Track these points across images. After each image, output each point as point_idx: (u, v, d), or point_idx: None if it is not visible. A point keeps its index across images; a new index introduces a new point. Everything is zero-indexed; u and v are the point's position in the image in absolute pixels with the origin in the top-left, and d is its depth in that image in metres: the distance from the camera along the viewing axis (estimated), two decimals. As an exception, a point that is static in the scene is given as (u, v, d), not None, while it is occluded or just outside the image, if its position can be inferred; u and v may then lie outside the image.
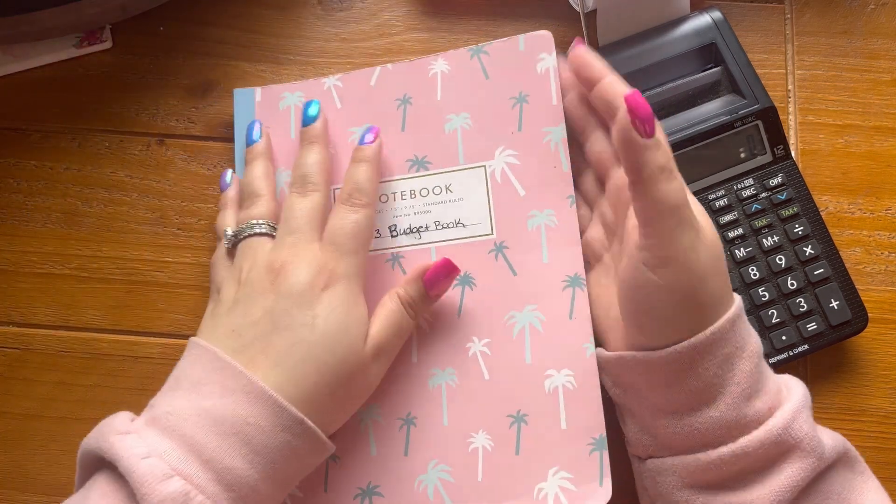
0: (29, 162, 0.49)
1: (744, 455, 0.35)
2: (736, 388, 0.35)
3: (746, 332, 0.37)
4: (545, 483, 0.42)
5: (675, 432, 0.37)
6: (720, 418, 0.35)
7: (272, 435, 0.35)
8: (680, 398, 0.36)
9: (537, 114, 0.46)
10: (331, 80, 0.48)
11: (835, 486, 0.36)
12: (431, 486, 0.42)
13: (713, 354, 0.35)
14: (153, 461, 0.33)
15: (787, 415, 0.35)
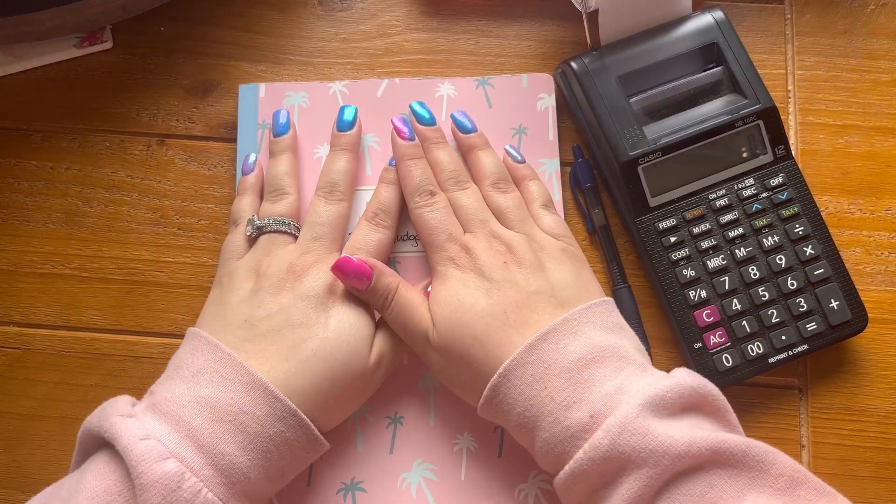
0: (29, 162, 0.49)
1: (582, 472, 0.35)
2: (551, 403, 0.36)
3: (559, 350, 0.37)
4: (526, 484, 0.44)
5: (539, 463, 0.39)
6: (550, 437, 0.36)
7: (266, 424, 0.36)
8: (518, 432, 0.39)
9: (535, 146, 0.48)
10: (337, 86, 0.49)
11: (696, 488, 0.34)
12: (415, 484, 0.44)
13: (518, 379, 0.37)
14: (151, 443, 0.34)
15: (613, 428, 0.34)
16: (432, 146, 0.45)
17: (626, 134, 0.45)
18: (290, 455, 0.38)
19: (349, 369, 0.39)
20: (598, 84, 0.46)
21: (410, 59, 0.51)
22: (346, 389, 0.40)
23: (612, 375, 0.36)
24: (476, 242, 0.42)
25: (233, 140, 0.49)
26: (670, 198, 0.46)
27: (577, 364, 0.36)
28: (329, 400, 0.39)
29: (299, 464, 0.40)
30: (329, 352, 0.39)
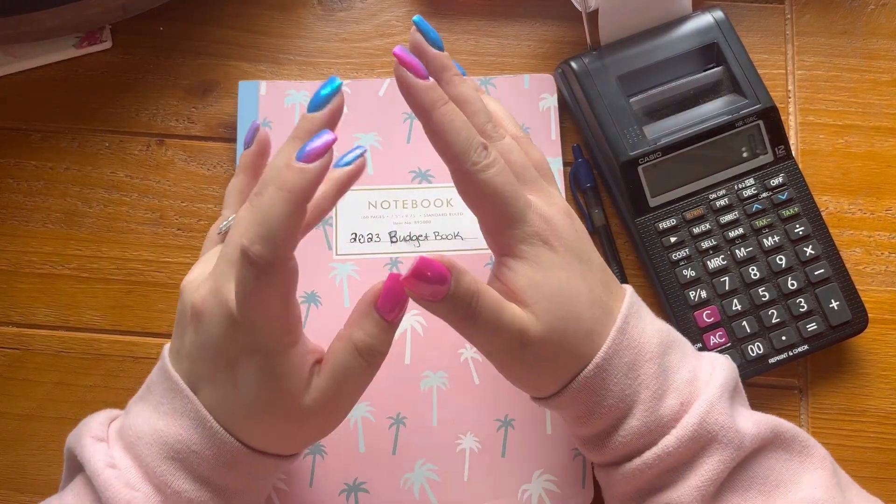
0: (29, 162, 0.49)
1: (666, 455, 0.34)
2: (646, 392, 0.35)
3: (640, 333, 0.35)
4: (529, 485, 0.44)
5: (604, 451, 0.36)
6: (640, 426, 0.35)
7: (219, 466, 0.34)
8: (598, 422, 0.35)
9: (537, 146, 0.47)
10: None
11: (761, 468, 0.35)
12: (417, 485, 0.44)
13: (615, 368, 0.34)
14: (115, 472, 0.33)
15: (701, 409, 0.34)
16: (454, 79, 0.36)
17: (626, 134, 0.45)
18: (251, 488, 0.36)
19: (281, 419, 0.34)
20: (598, 84, 0.46)
21: (410, 59, 0.51)
22: (290, 431, 0.35)
23: (682, 360, 0.36)
24: (552, 211, 0.35)
25: (232, 140, 0.49)
26: (670, 198, 0.46)
27: (659, 350, 0.35)
28: (283, 438, 0.35)
29: (271, 481, 0.38)
30: (254, 394, 0.33)
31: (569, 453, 0.44)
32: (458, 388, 0.45)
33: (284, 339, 0.33)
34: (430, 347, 0.45)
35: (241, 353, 0.32)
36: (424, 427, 0.44)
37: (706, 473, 0.34)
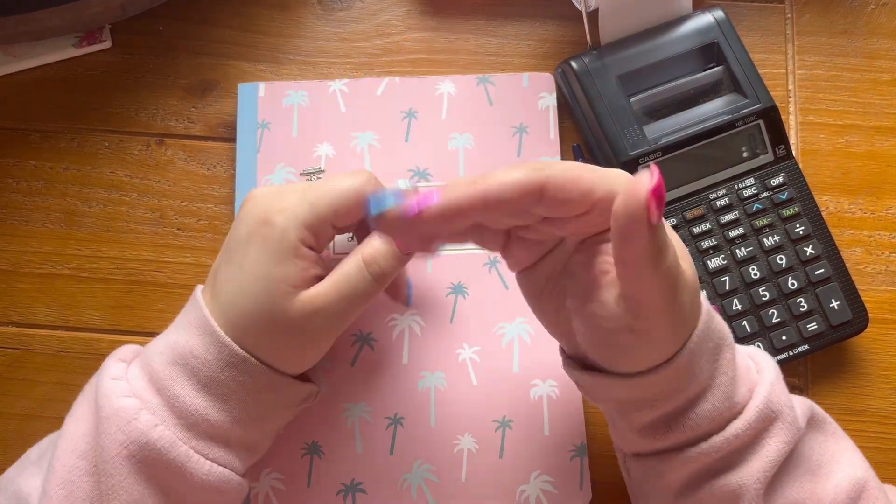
0: (28, 162, 0.49)
1: (734, 439, 0.34)
2: (724, 377, 0.34)
3: (720, 322, 0.35)
4: (527, 486, 0.44)
5: (667, 435, 0.35)
6: (712, 410, 0.34)
7: (217, 369, 0.36)
8: (669, 404, 0.34)
9: (536, 145, 0.48)
10: (337, 84, 0.49)
11: (804, 448, 0.36)
12: (415, 485, 0.44)
13: (704, 350, 0.33)
14: (120, 383, 0.36)
15: (765, 390, 0.35)
16: None
17: (626, 133, 0.45)
18: (253, 399, 0.37)
19: (270, 318, 0.36)
20: (598, 84, 0.46)
21: (410, 59, 0.51)
22: (280, 337, 0.36)
23: (739, 351, 0.36)
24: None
25: (232, 140, 0.49)
26: (670, 197, 0.46)
27: (729, 339, 0.35)
28: (269, 344, 0.36)
29: (274, 407, 0.38)
30: (242, 304, 0.36)
31: (566, 455, 0.44)
32: (456, 389, 0.45)
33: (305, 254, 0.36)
34: (428, 348, 0.45)
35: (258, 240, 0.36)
36: (422, 427, 0.44)
37: (772, 453, 0.34)
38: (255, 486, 0.43)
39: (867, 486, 0.36)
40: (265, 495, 0.43)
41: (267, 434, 0.39)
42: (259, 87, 0.49)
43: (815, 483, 0.35)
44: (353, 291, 0.36)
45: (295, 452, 0.44)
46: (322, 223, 0.36)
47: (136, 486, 0.35)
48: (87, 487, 0.35)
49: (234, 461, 0.37)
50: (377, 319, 0.46)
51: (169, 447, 0.35)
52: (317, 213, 0.36)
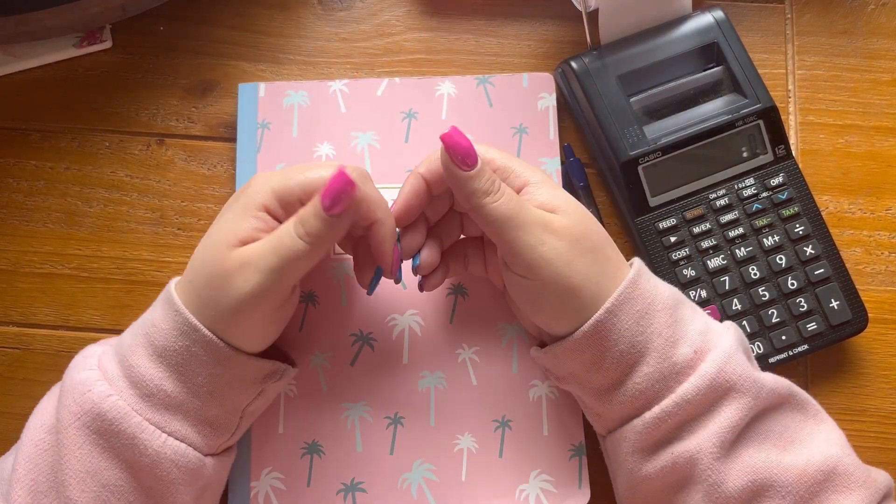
0: (29, 162, 0.49)
1: (685, 403, 0.36)
2: (659, 339, 0.37)
3: (654, 287, 0.38)
4: (526, 485, 0.44)
5: (620, 402, 0.37)
6: (653, 372, 0.36)
7: (171, 338, 0.36)
8: (612, 367, 0.37)
9: (536, 145, 0.48)
10: (337, 84, 0.49)
11: (777, 424, 0.37)
12: (415, 485, 0.44)
13: (626, 314, 0.36)
14: (89, 359, 0.37)
15: (718, 358, 0.36)
16: None
17: (626, 134, 0.45)
18: (207, 373, 0.36)
19: (207, 270, 0.36)
20: (598, 84, 0.46)
21: (410, 59, 0.51)
22: (212, 293, 0.36)
23: (693, 316, 0.39)
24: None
25: (232, 140, 0.49)
26: (670, 198, 0.46)
27: (671, 302, 0.38)
28: (213, 310, 0.36)
29: (231, 383, 0.37)
30: (197, 255, 0.37)
31: (565, 454, 0.44)
32: (455, 389, 0.45)
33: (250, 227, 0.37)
34: (427, 348, 0.45)
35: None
36: (422, 427, 0.44)
37: (725, 420, 0.36)
38: (256, 486, 0.43)
39: (841, 462, 0.36)
40: (265, 495, 0.43)
41: (230, 411, 0.38)
42: (259, 87, 0.49)
43: (783, 454, 0.36)
44: (281, 247, 0.35)
45: (295, 452, 0.44)
46: (290, 194, 0.37)
47: (91, 457, 0.35)
48: (50, 460, 0.36)
49: (192, 436, 0.37)
50: (377, 319, 0.46)
51: (121, 418, 0.35)
52: (287, 183, 0.37)
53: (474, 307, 0.46)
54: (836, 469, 0.36)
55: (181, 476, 0.37)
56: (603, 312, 0.36)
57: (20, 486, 0.35)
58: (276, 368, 0.39)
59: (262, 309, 0.36)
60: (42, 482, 0.35)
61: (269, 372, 0.39)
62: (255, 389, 0.39)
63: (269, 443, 0.44)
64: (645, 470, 0.37)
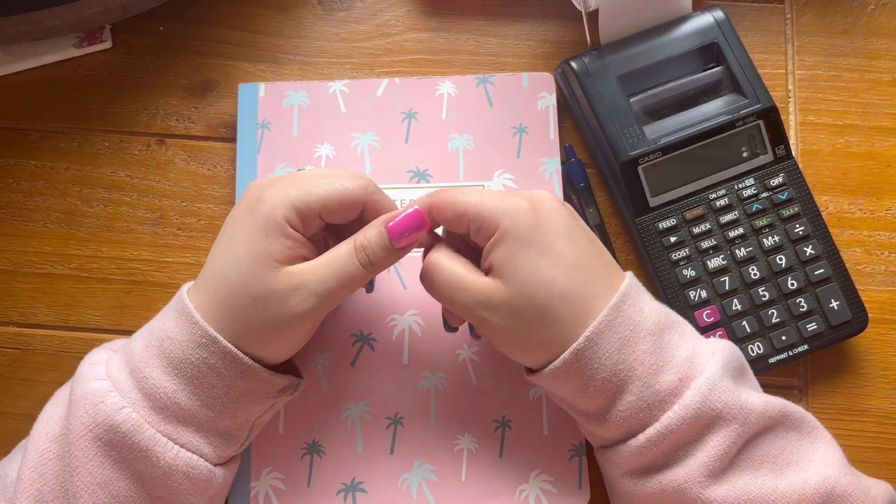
0: (29, 162, 0.49)
1: (669, 433, 0.35)
2: (641, 367, 0.36)
3: (638, 312, 0.37)
4: (526, 485, 0.44)
5: (607, 427, 0.37)
6: (636, 401, 0.36)
7: (188, 350, 0.36)
8: (596, 395, 0.37)
9: (535, 145, 0.48)
10: (337, 85, 0.49)
11: (772, 448, 0.37)
12: (415, 485, 0.44)
13: (607, 342, 0.36)
14: (97, 367, 0.37)
15: (703, 386, 0.35)
16: None
17: (626, 134, 0.45)
18: (224, 385, 0.36)
19: (249, 291, 0.36)
20: (598, 84, 0.46)
21: (410, 59, 0.51)
22: (254, 312, 0.36)
23: (681, 340, 0.37)
24: (539, 192, 0.39)
25: (232, 140, 0.49)
26: (670, 198, 0.46)
27: (656, 328, 0.37)
28: (243, 325, 0.36)
29: (246, 396, 0.37)
30: (226, 274, 0.36)
31: (566, 454, 0.44)
32: (455, 389, 0.45)
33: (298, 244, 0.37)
34: (428, 348, 0.45)
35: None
36: (422, 427, 0.44)
37: (712, 450, 0.35)
38: (256, 486, 0.43)
39: (839, 483, 0.36)
40: (265, 495, 0.43)
41: (242, 424, 0.39)
42: (259, 88, 0.49)
43: (780, 479, 0.36)
44: (341, 273, 0.37)
45: (295, 452, 0.44)
46: (310, 210, 0.37)
47: (103, 469, 0.35)
48: (57, 470, 0.35)
49: (204, 447, 0.37)
50: (377, 320, 0.46)
51: (134, 430, 0.35)
52: (307, 198, 0.36)
53: None
54: (834, 491, 0.35)
55: (192, 487, 0.37)
56: (582, 341, 0.36)
57: (25, 496, 0.35)
58: (291, 383, 0.39)
59: (308, 326, 0.38)
60: (48, 492, 0.35)
61: (285, 386, 0.39)
62: (269, 402, 0.39)
63: (269, 443, 0.44)
64: (636, 492, 0.37)
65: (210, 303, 0.37)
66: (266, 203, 0.36)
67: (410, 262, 0.46)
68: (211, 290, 0.37)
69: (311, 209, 0.37)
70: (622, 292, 0.37)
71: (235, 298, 0.36)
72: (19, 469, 0.36)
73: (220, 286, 0.36)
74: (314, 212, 0.37)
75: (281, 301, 0.36)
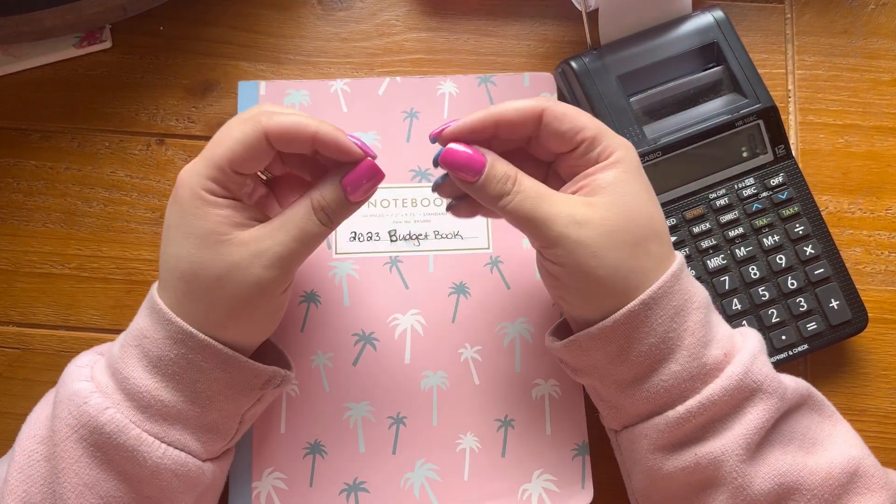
0: (29, 162, 0.49)
1: (710, 404, 0.35)
2: (691, 338, 0.36)
3: (692, 285, 0.37)
4: (529, 484, 0.44)
5: (643, 398, 0.37)
6: (681, 371, 0.36)
7: (166, 347, 0.36)
8: (638, 361, 0.36)
9: None
10: (338, 84, 0.49)
11: (799, 426, 0.37)
12: (418, 484, 0.44)
13: (663, 308, 0.36)
14: (83, 369, 0.37)
15: (745, 359, 0.36)
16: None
17: (626, 133, 0.45)
18: (205, 378, 0.36)
19: (207, 269, 0.35)
20: (598, 84, 0.46)
21: (410, 59, 0.51)
22: (219, 291, 0.35)
23: (720, 320, 0.39)
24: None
25: (233, 140, 0.49)
26: (670, 197, 0.46)
27: (706, 303, 0.37)
28: (208, 308, 0.36)
29: (229, 388, 0.37)
30: (178, 266, 0.36)
31: (569, 453, 0.44)
32: (458, 388, 0.45)
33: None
34: (430, 347, 0.45)
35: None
36: (425, 427, 0.44)
37: (752, 422, 0.35)
38: (257, 486, 0.43)
39: (862, 463, 0.36)
40: (267, 495, 0.43)
41: (230, 417, 0.38)
42: (260, 86, 0.49)
43: (808, 456, 0.36)
44: (301, 233, 0.36)
45: (297, 452, 0.44)
46: (223, 172, 0.36)
47: (89, 470, 0.35)
48: (44, 471, 0.35)
49: (192, 444, 0.37)
50: (379, 319, 0.46)
51: (118, 431, 0.35)
52: (215, 163, 0.35)
53: (476, 306, 0.46)
54: (858, 470, 0.36)
55: (181, 485, 0.36)
56: (638, 304, 0.35)
57: (12, 498, 0.35)
58: (276, 374, 0.39)
59: (277, 295, 0.37)
60: (35, 493, 0.35)
61: (268, 378, 0.38)
62: (255, 395, 0.39)
63: (270, 443, 0.44)
64: (666, 468, 0.37)
65: (174, 299, 0.36)
66: (183, 186, 0.36)
67: (412, 261, 0.46)
68: (171, 287, 0.36)
69: (222, 170, 0.36)
70: (679, 263, 0.37)
71: (197, 285, 0.36)
72: (7, 471, 0.36)
73: (177, 280, 0.36)
74: (226, 172, 0.36)
75: (244, 270, 0.35)
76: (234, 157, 0.35)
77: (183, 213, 0.36)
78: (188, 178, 0.36)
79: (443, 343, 0.45)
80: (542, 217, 0.36)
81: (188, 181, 0.36)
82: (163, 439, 0.36)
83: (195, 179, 0.36)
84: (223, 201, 0.36)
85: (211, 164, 0.36)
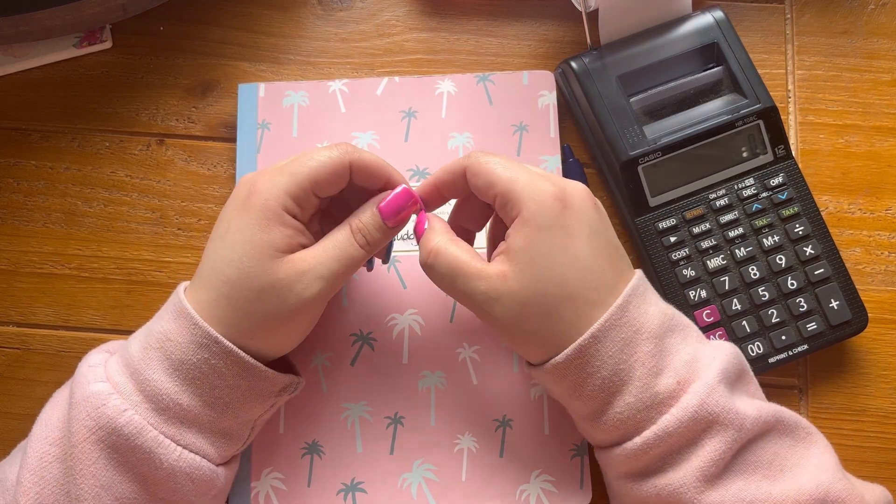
0: (29, 162, 0.49)
1: (666, 436, 0.35)
2: (642, 368, 0.36)
3: (642, 315, 0.37)
4: (528, 485, 0.44)
5: (604, 429, 0.37)
6: (635, 402, 0.36)
7: (189, 351, 0.36)
8: (593, 395, 0.37)
9: (536, 143, 0.48)
10: (337, 84, 0.49)
11: (766, 453, 0.36)
12: (416, 485, 0.44)
13: (610, 341, 0.36)
14: (97, 369, 0.37)
15: (701, 390, 0.35)
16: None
17: (626, 134, 0.45)
18: (224, 385, 0.37)
19: (252, 283, 0.36)
20: (598, 84, 0.46)
21: (410, 59, 0.51)
22: (259, 305, 0.36)
23: (683, 344, 0.38)
24: (569, 183, 0.38)
25: (232, 140, 0.49)
26: (670, 198, 0.46)
27: (660, 330, 0.37)
28: (245, 320, 0.36)
29: (247, 395, 0.38)
30: (226, 270, 0.36)
31: (567, 454, 0.44)
32: (456, 388, 0.45)
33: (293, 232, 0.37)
34: (428, 347, 0.45)
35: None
36: (422, 427, 0.44)
37: (708, 454, 0.35)
38: (256, 486, 0.43)
39: (832, 488, 0.36)
40: (266, 495, 0.43)
41: (244, 423, 0.39)
42: (259, 88, 0.49)
43: (774, 485, 0.36)
44: (342, 255, 0.37)
45: (295, 452, 0.44)
46: (303, 190, 0.37)
47: (106, 471, 0.35)
48: (58, 473, 0.35)
49: (207, 448, 0.37)
50: (377, 319, 0.46)
51: (137, 433, 0.35)
52: (298, 181, 0.37)
53: None
54: (828, 497, 0.35)
55: (196, 488, 0.37)
56: (587, 338, 0.36)
57: (26, 499, 0.35)
58: (292, 382, 0.39)
59: (313, 313, 0.38)
60: (48, 495, 0.35)
61: (286, 385, 0.39)
62: (270, 402, 0.39)
63: (269, 443, 0.44)
64: (634, 494, 0.37)
65: (211, 301, 0.36)
66: (260, 194, 0.37)
67: (410, 261, 0.46)
68: (211, 288, 0.37)
69: (304, 189, 0.37)
70: (627, 293, 0.37)
71: (239, 293, 0.36)
72: (18, 472, 0.36)
73: (221, 283, 0.36)
74: (307, 191, 0.37)
75: (287, 289, 0.36)
76: (319, 178, 0.37)
77: (249, 220, 0.36)
78: (267, 188, 0.37)
79: (441, 343, 0.45)
80: (460, 293, 0.37)
81: (267, 192, 0.36)
82: (179, 442, 0.36)
83: (276, 192, 0.36)
84: (292, 221, 0.37)
85: (293, 182, 0.37)
